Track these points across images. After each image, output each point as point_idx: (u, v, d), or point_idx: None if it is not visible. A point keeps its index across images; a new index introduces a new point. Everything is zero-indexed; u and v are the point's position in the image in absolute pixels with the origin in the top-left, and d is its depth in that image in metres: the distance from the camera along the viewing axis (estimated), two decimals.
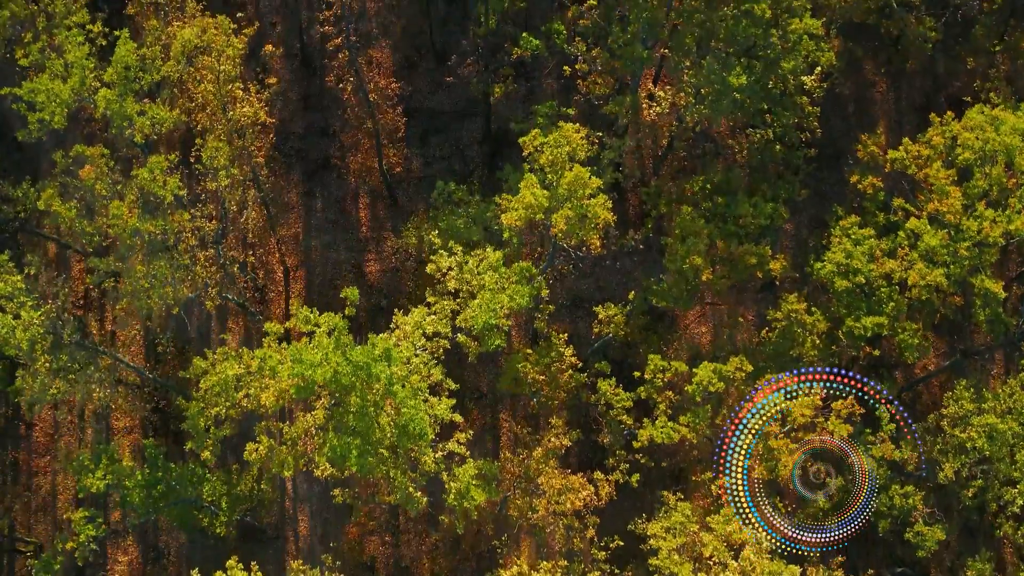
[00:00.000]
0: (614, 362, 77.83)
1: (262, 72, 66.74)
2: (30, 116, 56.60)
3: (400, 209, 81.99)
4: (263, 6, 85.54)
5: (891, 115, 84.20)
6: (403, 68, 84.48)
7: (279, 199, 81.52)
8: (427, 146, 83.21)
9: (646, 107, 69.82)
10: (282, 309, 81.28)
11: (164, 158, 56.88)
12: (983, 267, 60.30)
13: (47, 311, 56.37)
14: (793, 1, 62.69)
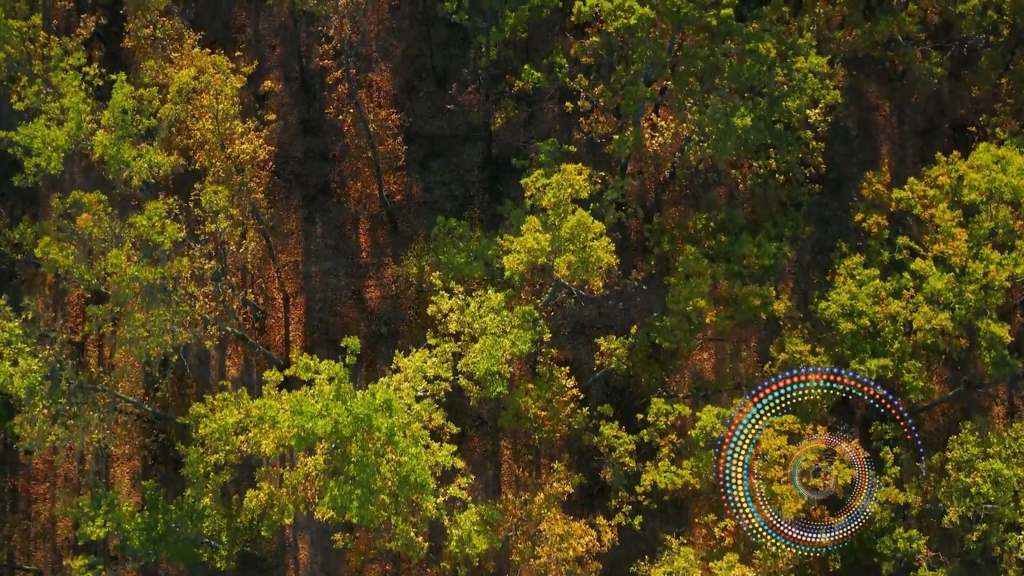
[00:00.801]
0: (615, 390, 77.60)
1: (260, 107, 66.02)
2: (27, 161, 55.97)
3: (400, 235, 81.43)
4: (262, 29, 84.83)
5: (894, 139, 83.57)
6: (403, 92, 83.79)
7: (278, 225, 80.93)
8: (427, 171, 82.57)
9: (648, 137, 69.14)
10: (282, 336, 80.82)
11: (163, 202, 56.25)
12: (989, 309, 59.82)
13: (45, 356, 55.87)
14: (798, 38, 62.01)
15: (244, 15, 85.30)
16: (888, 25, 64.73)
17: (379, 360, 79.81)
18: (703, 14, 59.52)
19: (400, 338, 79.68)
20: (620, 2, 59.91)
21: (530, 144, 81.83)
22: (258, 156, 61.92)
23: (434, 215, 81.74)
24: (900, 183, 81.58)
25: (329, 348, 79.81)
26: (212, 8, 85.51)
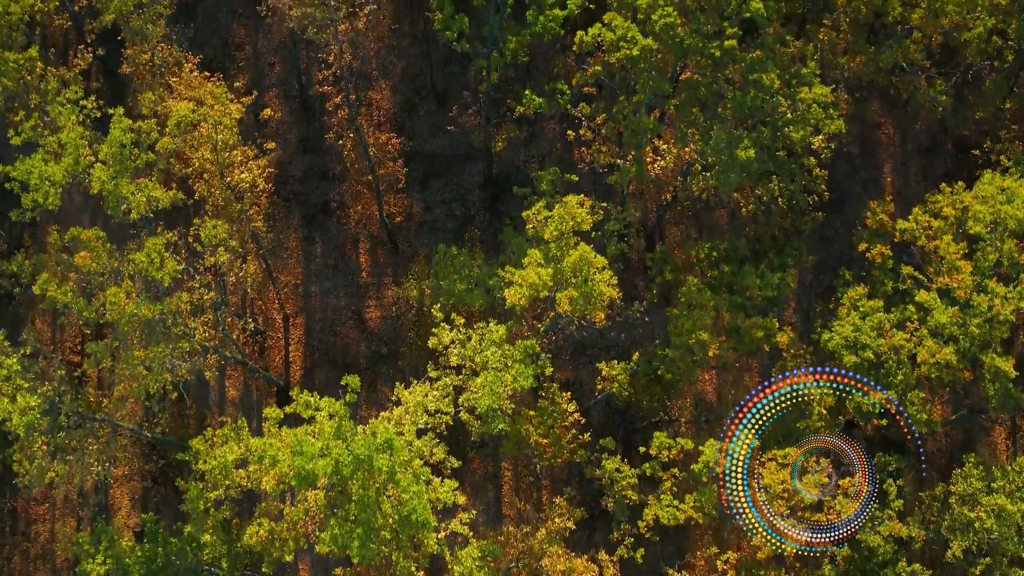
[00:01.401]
0: (617, 413, 77.25)
1: (260, 135, 65.52)
2: (24, 197, 55.48)
3: (401, 255, 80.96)
4: (261, 47, 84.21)
5: (896, 158, 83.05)
6: (403, 111, 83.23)
7: (278, 246, 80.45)
8: (428, 190, 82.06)
9: (650, 161, 68.65)
10: (282, 356, 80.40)
11: (162, 237, 55.80)
12: (993, 342, 59.47)
13: (44, 392, 55.52)
14: (802, 68, 61.50)
15: (243, 32, 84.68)
16: (892, 53, 64.21)
17: (379, 381, 79.47)
18: (706, 45, 58.99)
19: (400, 359, 79.35)
20: (622, 32, 59.43)
21: (531, 164, 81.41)
22: (258, 186, 61.36)
23: (435, 235, 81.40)
24: (902, 201, 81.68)
25: (329, 369, 79.55)
26: (211, 25, 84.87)
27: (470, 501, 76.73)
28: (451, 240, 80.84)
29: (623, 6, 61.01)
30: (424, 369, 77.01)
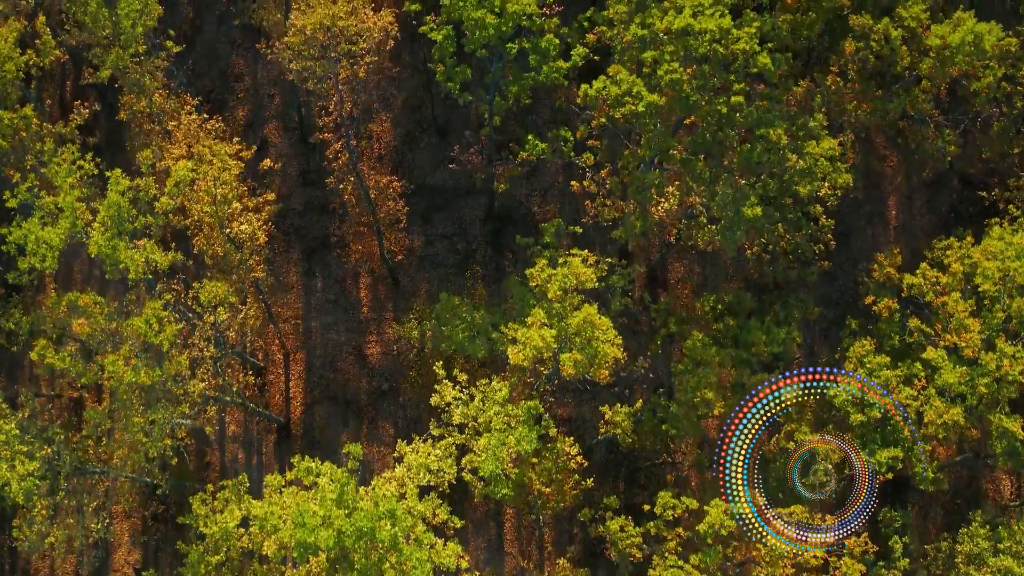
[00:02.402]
0: (619, 451, 76.62)
1: (258, 186, 64.72)
2: (20, 261, 54.71)
3: (402, 289, 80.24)
4: (260, 78, 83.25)
5: (901, 190, 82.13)
6: (404, 143, 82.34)
7: (278, 279, 79.72)
8: (429, 224, 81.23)
9: (654, 203, 67.92)
10: (282, 392, 79.74)
11: (160, 300, 55.08)
12: (1001, 402, 58.92)
13: (44, 456, 54.95)
14: (809, 121, 60.66)
15: (242, 63, 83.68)
16: (900, 102, 63.33)
17: (380, 418, 78.88)
18: (713, 100, 58.12)
19: (402, 395, 78.71)
20: (627, 87, 58.56)
21: (532, 198, 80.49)
22: (257, 239, 60.59)
23: (436, 269, 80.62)
24: (907, 234, 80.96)
25: (330, 405, 78.99)
26: (209, 56, 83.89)
27: (471, 536, 76.46)
28: (453, 274, 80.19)
29: (628, 58, 60.08)
30: (425, 408, 76.74)
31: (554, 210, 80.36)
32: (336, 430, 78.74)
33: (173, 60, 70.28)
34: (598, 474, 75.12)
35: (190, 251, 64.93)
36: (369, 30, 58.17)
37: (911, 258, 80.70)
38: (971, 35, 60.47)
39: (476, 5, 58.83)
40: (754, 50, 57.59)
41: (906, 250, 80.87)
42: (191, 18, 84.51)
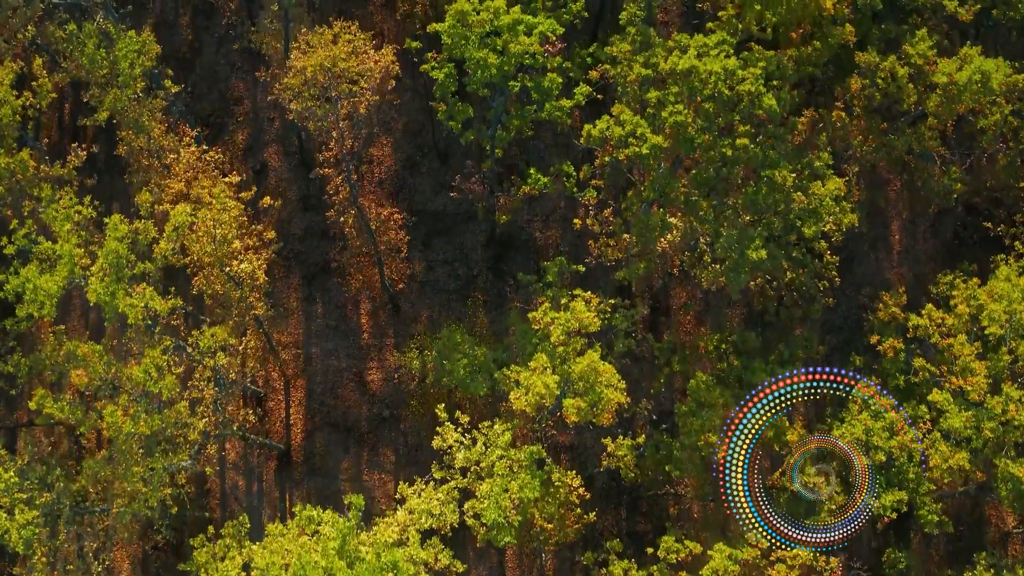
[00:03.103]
0: (621, 480, 76.22)
1: (259, 223, 64.11)
2: (18, 308, 54.21)
3: (403, 315, 79.71)
4: (260, 101, 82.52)
5: (904, 215, 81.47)
6: (405, 167, 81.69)
7: (278, 304, 79.21)
8: (430, 249, 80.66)
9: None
10: (282, 419, 79.31)
11: (158, 348, 54.58)
12: (1007, 446, 58.53)
13: (44, 504, 54.57)
14: (815, 160, 60.08)
15: (242, 87, 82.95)
16: (907, 140, 62.72)
17: (381, 444, 78.46)
18: (718, 142, 57.51)
19: (403, 422, 78.29)
20: (631, 128, 57.93)
21: (534, 222, 79.87)
22: (257, 279, 60.05)
23: (437, 295, 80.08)
24: (911, 260, 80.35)
25: (330, 432, 78.58)
26: (209, 79, 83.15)
27: (472, 565, 76.15)
28: (454, 300, 79.67)
29: (632, 98, 59.44)
30: (426, 435, 76.30)
31: (556, 235, 79.84)
32: (337, 457, 78.35)
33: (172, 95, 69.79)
34: (600, 502, 74.80)
35: (188, 281, 64.35)
36: (370, 71, 57.48)
37: (915, 283, 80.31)
38: (978, 74, 59.82)
39: (478, 45, 58.16)
40: (760, 91, 56.94)
41: (909, 275, 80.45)
42: (190, 40, 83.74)
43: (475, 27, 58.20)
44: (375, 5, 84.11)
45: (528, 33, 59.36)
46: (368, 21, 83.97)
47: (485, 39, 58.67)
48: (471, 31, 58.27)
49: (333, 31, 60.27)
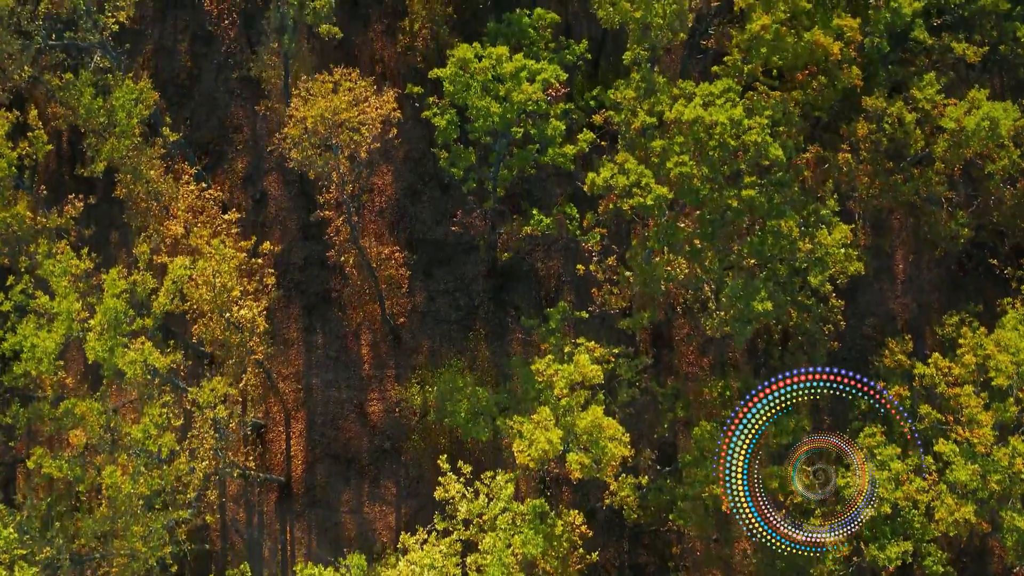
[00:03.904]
0: (623, 515, 75.86)
1: (260, 268, 63.42)
2: (16, 365, 53.62)
3: (403, 346, 79.11)
4: (259, 128, 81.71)
5: (908, 244, 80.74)
6: (406, 196, 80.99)
7: (278, 334, 78.63)
8: (431, 279, 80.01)
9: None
10: (283, 451, 78.85)
11: (157, 405, 54.05)
12: (1013, 497, 58.07)
13: (44, 559, 54.09)
14: (821, 209, 59.39)
15: (241, 114, 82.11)
16: (914, 185, 62.03)
17: (383, 476, 77.98)
18: (723, 194, 56.83)
19: (404, 454, 77.81)
20: (635, 179, 57.21)
21: (535, 253, 79.18)
22: (257, 326, 59.45)
23: (438, 325, 79.45)
24: (915, 290, 79.70)
25: (331, 464, 78.10)
26: (208, 105, 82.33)
27: None
28: (455, 331, 79.04)
29: (636, 146, 58.70)
30: (428, 467, 75.94)
31: (558, 266, 79.19)
32: (338, 489, 77.85)
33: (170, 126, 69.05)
34: (602, 535, 74.40)
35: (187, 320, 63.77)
36: (372, 120, 56.72)
37: (919, 313, 79.76)
38: (987, 120, 59.08)
39: (480, 93, 57.36)
40: (766, 141, 56.21)
41: (913, 305, 79.86)
42: (189, 67, 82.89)
43: (477, 75, 57.38)
44: (375, 32, 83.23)
45: (531, 79, 58.57)
46: (369, 47, 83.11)
47: (487, 85, 57.85)
48: (473, 79, 57.46)
49: (333, 78, 59.47)
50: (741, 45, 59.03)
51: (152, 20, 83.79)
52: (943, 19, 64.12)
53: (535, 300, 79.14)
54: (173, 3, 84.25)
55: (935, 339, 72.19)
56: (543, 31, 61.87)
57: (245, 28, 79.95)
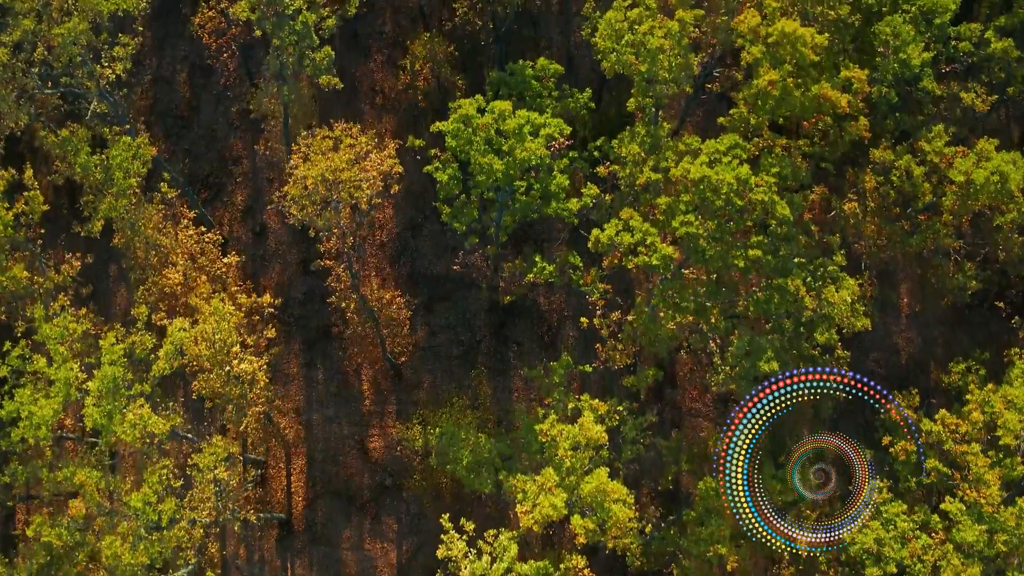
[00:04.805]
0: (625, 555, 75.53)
1: (260, 322, 62.72)
2: (13, 431, 53.00)
3: (405, 382, 78.51)
4: (259, 160, 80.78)
5: (913, 278, 79.97)
6: (406, 230, 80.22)
7: (279, 369, 78.02)
8: (432, 314, 79.33)
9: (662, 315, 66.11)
10: (283, 488, 78.32)
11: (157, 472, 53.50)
12: (1020, 557, 57.64)
13: None
14: (828, 264, 58.69)
15: (240, 146, 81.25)
16: (922, 238, 61.33)
17: (384, 513, 77.51)
18: (730, 254, 56.09)
19: (405, 491, 77.35)
20: (640, 237, 56.48)
21: (537, 290, 78.44)
22: (257, 381, 58.85)
23: (439, 361, 78.81)
24: (919, 324, 79.03)
25: (332, 500, 77.62)
26: (207, 137, 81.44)
27: None
28: (457, 366, 78.42)
29: (641, 201, 57.95)
30: (429, 504, 75.53)
31: (560, 301, 78.52)
32: (339, 525, 77.42)
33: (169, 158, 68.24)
34: (603, 572, 73.99)
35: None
36: (373, 178, 55.94)
37: (923, 347, 79.04)
38: (996, 175, 58.31)
39: (483, 149, 56.52)
40: (773, 200, 55.46)
41: (918, 339, 79.16)
42: (188, 98, 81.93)
43: (480, 130, 56.57)
44: (376, 62, 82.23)
45: (535, 133, 57.73)
46: (369, 78, 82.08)
47: (490, 140, 57.03)
48: (476, 134, 56.63)
49: (334, 134, 58.62)
50: (748, 99, 58.17)
51: (150, 50, 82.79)
52: (952, 67, 63.23)
53: (537, 336, 78.51)
54: (171, 33, 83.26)
55: (940, 386, 71.68)
56: (546, 81, 61.00)
57: (244, 61, 78.97)
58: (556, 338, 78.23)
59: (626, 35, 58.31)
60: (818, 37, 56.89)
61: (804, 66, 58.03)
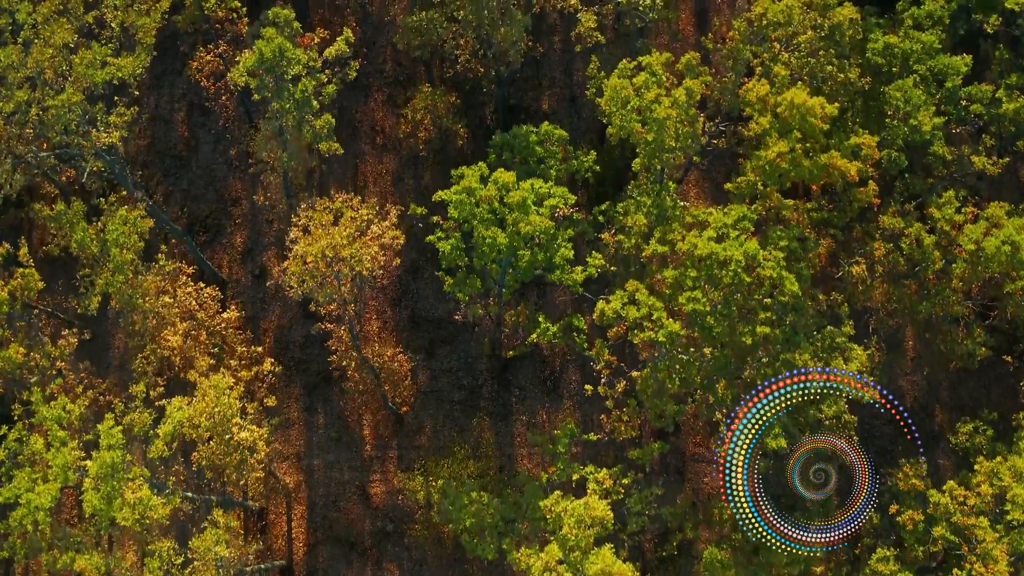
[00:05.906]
0: None
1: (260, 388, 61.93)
2: (11, 516, 52.29)
3: (406, 427, 77.82)
4: (258, 202, 79.70)
5: (918, 324, 79.09)
6: (408, 272, 79.34)
7: (279, 414, 77.29)
8: (434, 357, 78.54)
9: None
10: (284, 534, 77.77)
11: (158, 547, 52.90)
12: None
13: None
14: (836, 336, 57.88)
15: (239, 186, 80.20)
16: (931, 305, 60.48)
17: (385, 559, 77.01)
18: (737, 332, 55.24)
19: (407, 537, 76.84)
20: (646, 311, 55.61)
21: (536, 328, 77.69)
22: (257, 451, 58.15)
23: (441, 405, 78.14)
24: (923, 367, 78.28)
25: (333, 546, 77.08)
26: (205, 178, 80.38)
27: None
28: (458, 410, 77.73)
29: (646, 274, 57.03)
30: (431, 551, 75.01)
31: (562, 345, 77.73)
32: (339, 572, 76.94)
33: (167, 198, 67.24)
34: None
35: None
36: (374, 254, 55.00)
37: (928, 390, 78.27)
38: (1007, 245, 57.41)
39: (487, 221, 55.54)
40: (782, 276, 54.57)
41: (923, 382, 78.41)
42: (186, 138, 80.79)
43: (483, 202, 55.59)
44: (376, 101, 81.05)
45: (539, 202, 56.73)
46: (369, 117, 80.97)
47: (494, 211, 56.05)
48: (479, 206, 55.67)
49: (334, 205, 57.60)
50: (756, 170, 57.17)
51: (148, 88, 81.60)
52: (962, 128, 62.19)
53: (540, 380, 77.77)
54: (169, 70, 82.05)
55: (948, 446, 71.07)
56: (550, 146, 59.98)
57: (243, 101, 77.81)
58: (559, 383, 77.49)
59: (632, 100, 57.26)
60: (828, 107, 55.85)
61: (813, 135, 57.01)
